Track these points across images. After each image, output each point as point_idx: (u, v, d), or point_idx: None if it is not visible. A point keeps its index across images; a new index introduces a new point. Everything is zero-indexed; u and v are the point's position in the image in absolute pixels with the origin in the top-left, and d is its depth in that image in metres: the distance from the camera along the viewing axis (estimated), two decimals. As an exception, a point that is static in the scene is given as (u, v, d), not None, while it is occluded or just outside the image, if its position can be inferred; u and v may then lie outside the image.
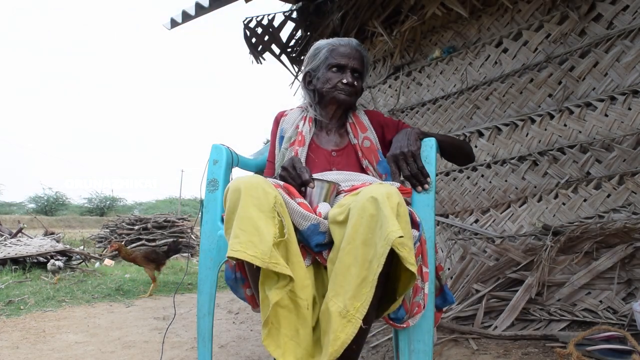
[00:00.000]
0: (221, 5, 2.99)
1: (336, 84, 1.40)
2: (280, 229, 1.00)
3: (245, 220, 0.98)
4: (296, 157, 1.24)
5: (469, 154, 1.47)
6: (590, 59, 2.13)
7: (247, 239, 0.95)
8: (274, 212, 1.00)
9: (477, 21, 2.65)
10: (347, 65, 1.41)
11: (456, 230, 2.59)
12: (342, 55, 1.42)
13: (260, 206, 0.99)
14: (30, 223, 11.60)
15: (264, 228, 0.97)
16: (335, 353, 0.90)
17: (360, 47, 1.46)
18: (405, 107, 3.05)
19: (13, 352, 1.99)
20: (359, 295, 0.92)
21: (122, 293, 3.64)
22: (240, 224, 0.98)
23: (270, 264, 0.93)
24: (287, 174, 1.20)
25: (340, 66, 1.41)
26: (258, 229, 0.96)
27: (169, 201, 31.46)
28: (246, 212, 0.98)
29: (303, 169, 1.18)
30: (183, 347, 2.09)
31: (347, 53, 1.42)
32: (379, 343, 2.02)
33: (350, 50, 1.43)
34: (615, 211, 1.97)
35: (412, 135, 1.28)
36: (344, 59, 1.41)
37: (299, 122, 1.46)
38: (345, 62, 1.41)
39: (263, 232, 0.96)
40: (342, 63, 1.41)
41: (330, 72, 1.42)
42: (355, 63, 1.42)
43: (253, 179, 1.05)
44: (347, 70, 1.41)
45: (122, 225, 7.84)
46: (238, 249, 0.94)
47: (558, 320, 1.90)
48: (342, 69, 1.41)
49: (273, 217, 0.99)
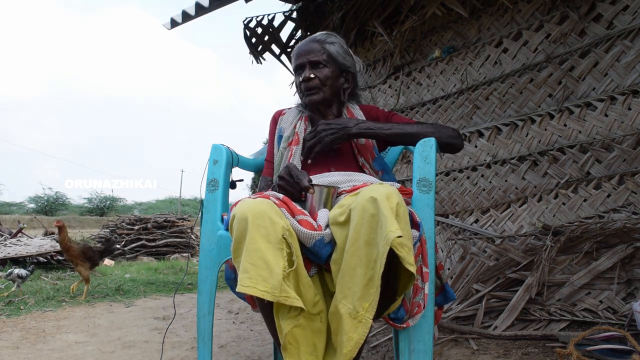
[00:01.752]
0: (221, 5, 2.99)
1: (300, 86, 1.41)
2: (289, 259, 0.99)
3: (253, 254, 0.96)
4: (292, 164, 1.22)
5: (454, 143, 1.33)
6: (590, 59, 2.13)
7: (257, 274, 0.94)
8: (282, 243, 0.99)
9: (477, 21, 2.65)
10: (304, 63, 1.40)
11: (456, 230, 2.59)
12: (299, 55, 1.41)
13: (268, 237, 0.98)
14: (30, 223, 11.61)
15: (273, 261, 0.96)
16: (349, 353, 0.92)
17: (320, 36, 1.42)
18: (405, 107, 3.05)
19: (13, 352, 1.99)
20: (367, 295, 0.93)
21: (122, 293, 3.63)
22: (248, 257, 0.97)
23: (281, 298, 0.93)
24: (285, 183, 1.19)
25: (300, 66, 1.41)
26: (267, 263, 0.95)
27: (169, 201, 31.49)
28: (254, 244, 0.97)
29: (300, 176, 1.17)
30: (183, 347, 2.09)
31: (302, 50, 1.41)
32: (379, 343, 2.02)
33: (305, 47, 1.41)
34: (615, 211, 1.97)
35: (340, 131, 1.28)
36: (300, 58, 1.40)
37: (297, 121, 1.46)
38: (302, 60, 1.40)
39: (272, 265, 0.95)
40: (300, 62, 1.40)
41: (297, 75, 1.43)
42: (312, 56, 1.39)
43: (259, 205, 1.02)
44: (306, 67, 1.39)
45: (122, 225, 7.82)
46: (248, 285, 0.93)
47: (558, 320, 1.90)
48: (302, 67, 1.41)
49: (282, 249, 0.98)
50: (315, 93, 1.39)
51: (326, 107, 1.45)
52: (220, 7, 3.02)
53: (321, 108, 1.44)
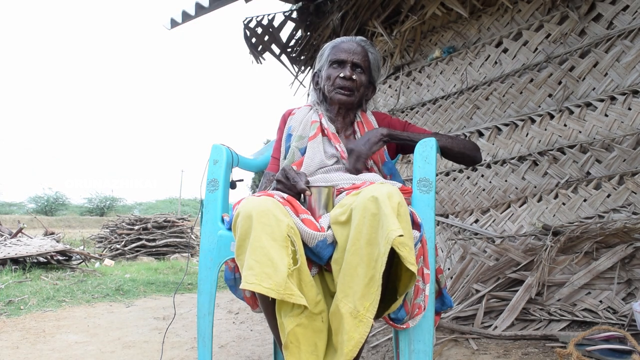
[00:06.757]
0: (221, 5, 2.99)
1: (335, 80, 1.39)
2: (294, 257, 0.99)
3: (258, 251, 0.96)
4: (288, 167, 1.22)
5: (471, 155, 1.40)
6: (590, 59, 2.13)
7: (261, 271, 0.94)
8: (287, 240, 0.99)
9: (477, 21, 2.65)
10: (347, 60, 1.39)
11: (456, 230, 2.59)
12: (342, 50, 1.41)
13: (273, 234, 0.98)
14: (30, 223, 11.59)
15: (277, 259, 0.96)
16: (350, 353, 0.92)
17: (364, 43, 1.44)
18: (405, 107, 3.05)
19: (13, 352, 1.99)
20: (368, 294, 0.93)
21: (122, 293, 3.63)
22: (253, 254, 0.97)
23: (285, 295, 0.93)
24: (282, 186, 1.19)
25: (340, 61, 1.40)
26: (272, 260, 0.95)
27: (169, 201, 31.45)
28: (259, 241, 0.97)
29: (297, 178, 1.17)
30: (183, 347, 2.09)
31: (348, 48, 1.41)
32: (379, 343, 2.02)
33: (351, 45, 1.41)
34: (615, 211, 1.97)
35: (373, 137, 1.31)
36: (343, 54, 1.40)
37: (314, 118, 1.45)
38: (345, 57, 1.39)
39: (277, 262, 0.95)
40: (342, 58, 1.39)
41: (331, 68, 1.41)
42: (356, 58, 1.39)
43: (264, 203, 1.03)
44: (347, 65, 1.39)
45: (122, 226, 7.83)
46: (253, 282, 0.93)
47: (558, 320, 1.90)
48: (342, 64, 1.40)
49: (286, 247, 0.98)
50: (350, 95, 1.40)
51: (348, 110, 1.46)
52: (220, 7, 3.02)
53: (342, 109, 1.45)
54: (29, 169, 70.05)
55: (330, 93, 1.41)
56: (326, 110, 1.46)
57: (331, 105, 1.45)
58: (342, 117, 1.46)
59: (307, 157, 1.37)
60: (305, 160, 1.37)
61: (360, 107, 1.49)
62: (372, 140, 1.31)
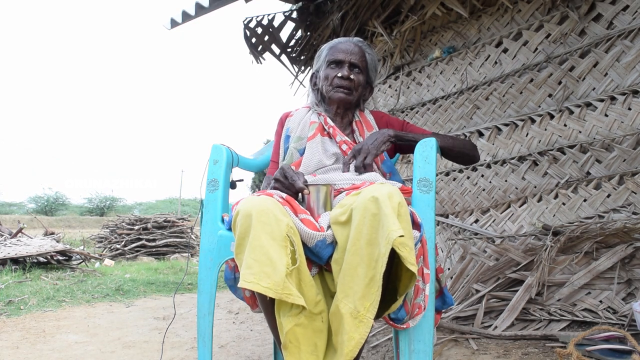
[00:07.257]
0: (221, 5, 2.99)
1: (332, 80, 1.41)
2: (293, 257, 0.99)
3: (257, 250, 0.96)
4: (286, 166, 1.23)
5: (470, 154, 1.45)
6: (590, 59, 2.13)
7: (260, 270, 0.94)
8: (286, 240, 0.99)
9: (477, 21, 2.65)
10: (344, 60, 1.41)
11: (456, 230, 2.59)
12: (340, 50, 1.43)
13: (272, 234, 0.98)
14: (30, 223, 11.59)
15: (276, 258, 0.95)
16: (350, 353, 0.92)
17: (361, 44, 1.46)
18: (405, 107, 3.05)
19: (13, 352, 1.99)
20: (368, 295, 0.93)
21: (122, 293, 3.63)
22: (252, 253, 0.96)
23: (284, 295, 0.93)
24: (280, 185, 1.19)
25: (338, 61, 1.42)
26: (271, 259, 0.95)
27: (169, 201, 31.43)
28: (258, 240, 0.97)
29: (295, 177, 1.17)
30: (183, 347, 2.09)
31: (345, 48, 1.43)
32: (379, 343, 2.02)
33: (348, 46, 1.43)
34: (615, 211, 1.97)
35: (381, 137, 1.31)
36: (341, 54, 1.42)
37: (314, 118, 1.46)
38: (343, 57, 1.41)
39: (276, 262, 0.95)
40: (340, 58, 1.42)
41: (329, 68, 1.43)
42: (353, 58, 1.42)
43: (264, 203, 1.03)
44: (345, 65, 1.41)
45: (122, 225, 7.83)
46: (251, 280, 0.93)
47: (558, 320, 1.90)
48: (340, 64, 1.42)
49: (285, 246, 0.98)
50: (348, 94, 1.42)
51: (346, 109, 1.47)
52: (220, 7, 3.02)
53: (341, 109, 1.46)
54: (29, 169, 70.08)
55: (328, 92, 1.43)
56: (325, 110, 1.48)
57: (330, 104, 1.46)
58: (340, 117, 1.47)
59: (306, 157, 1.38)
60: (303, 160, 1.38)
61: (358, 107, 1.50)
62: (380, 140, 1.31)
